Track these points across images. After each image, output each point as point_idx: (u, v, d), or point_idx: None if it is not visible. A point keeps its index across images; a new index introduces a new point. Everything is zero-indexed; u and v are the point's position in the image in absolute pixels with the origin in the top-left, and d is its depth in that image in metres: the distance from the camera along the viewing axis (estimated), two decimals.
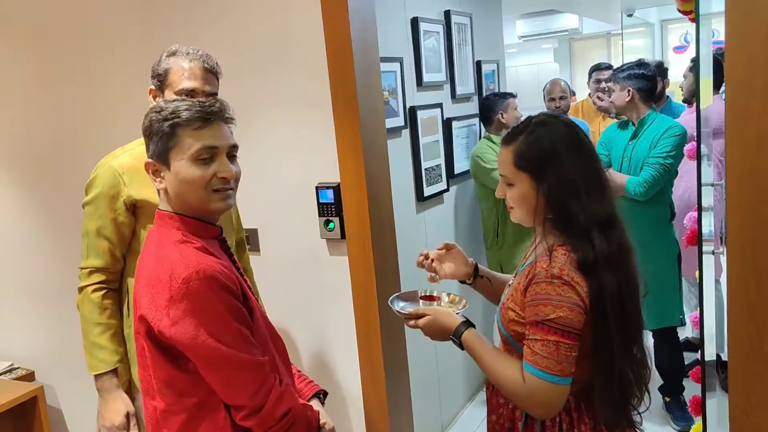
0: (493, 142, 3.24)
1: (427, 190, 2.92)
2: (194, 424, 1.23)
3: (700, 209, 1.83)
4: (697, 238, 1.86)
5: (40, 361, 2.98)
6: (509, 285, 1.47)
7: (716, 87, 3.19)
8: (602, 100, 4.02)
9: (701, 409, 2.05)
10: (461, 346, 1.42)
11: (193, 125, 1.26)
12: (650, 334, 3.14)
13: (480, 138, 3.40)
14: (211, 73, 1.74)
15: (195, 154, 1.26)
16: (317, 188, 2.19)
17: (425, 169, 2.90)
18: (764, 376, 1.61)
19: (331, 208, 2.18)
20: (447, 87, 3.16)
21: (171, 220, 1.28)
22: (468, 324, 1.43)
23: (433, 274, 1.66)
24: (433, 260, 1.67)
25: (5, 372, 2.94)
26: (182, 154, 1.25)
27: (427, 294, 1.67)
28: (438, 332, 1.45)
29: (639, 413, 1.44)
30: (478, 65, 3.48)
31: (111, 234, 1.73)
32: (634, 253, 1.37)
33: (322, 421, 1.41)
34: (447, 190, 3.12)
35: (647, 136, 2.88)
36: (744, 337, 1.62)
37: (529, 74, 10.77)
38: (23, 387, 2.58)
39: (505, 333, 1.40)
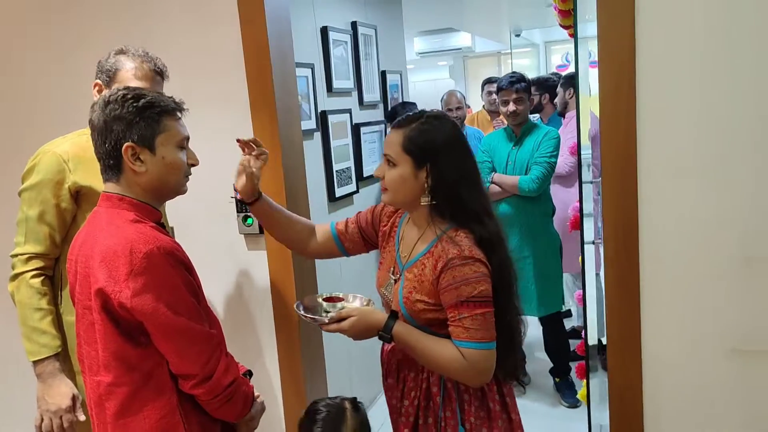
0: None
1: (339, 191, 3.06)
2: (140, 395, 1.29)
3: (581, 200, 2.09)
4: (580, 224, 2.13)
5: None
6: (395, 279, 1.57)
7: None
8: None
9: (586, 378, 2.32)
10: (390, 339, 1.49)
11: (174, 115, 1.38)
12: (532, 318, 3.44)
13: None
14: (159, 75, 1.83)
15: (179, 142, 1.38)
16: (236, 186, 2.26)
17: (336, 171, 3.05)
18: (636, 357, 1.88)
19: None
20: (355, 94, 3.33)
21: (121, 202, 1.34)
22: (395, 316, 1.51)
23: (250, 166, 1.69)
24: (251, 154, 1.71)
25: None
26: (170, 140, 1.36)
27: (329, 296, 1.70)
28: (364, 331, 1.49)
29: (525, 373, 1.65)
30: (383, 75, 3.68)
31: (53, 219, 1.74)
32: (505, 233, 1.55)
33: (255, 394, 1.50)
34: (357, 191, 3.28)
35: (529, 142, 3.22)
36: (619, 322, 1.88)
37: (426, 89, 11.21)
38: None
39: (416, 324, 1.49)
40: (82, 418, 1.71)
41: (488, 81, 4.61)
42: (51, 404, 1.70)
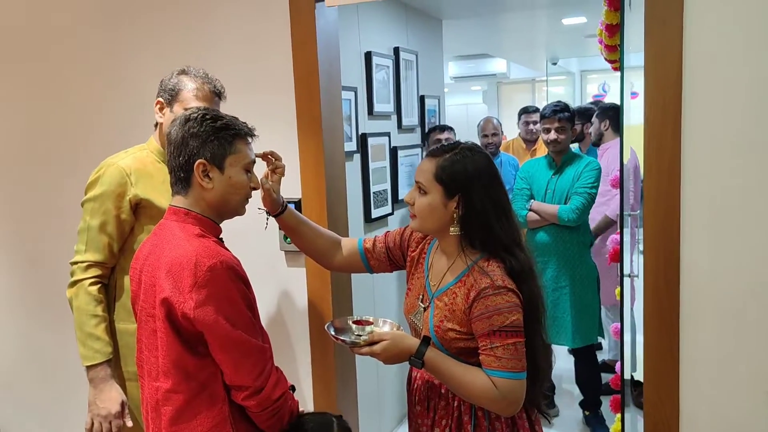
0: None
1: (375, 212, 3.10)
2: (194, 403, 1.34)
3: (622, 233, 2.10)
4: (619, 257, 2.13)
5: None
6: (425, 308, 1.58)
7: (615, 130, 3.60)
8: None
9: (621, 413, 2.30)
10: (422, 365, 1.49)
11: (245, 140, 1.47)
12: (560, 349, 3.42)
13: None
14: (218, 97, 1.92)
15: (247, 165, 1.46)
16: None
17: (373, 193, 3.09)
18: (673, 393, 1.86)
19: None
20: (394, 117, 3.38)
21: (187, 216, 1.42)
22: (427, 342, 1.51)
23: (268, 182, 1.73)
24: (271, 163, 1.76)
25: None
26: (238, 162, 1.44)
27: (359, 319, 1.70)
28: (396, 355, 1.48)
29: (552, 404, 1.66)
30: (421, 99, 3.73)
31: (113, 230, 1.81)
32: (537, 266, 1.57)
33: (300, 409, 1.54)
34: (392, 213, 3.32)
35: (569, 171, 3.20)
36: (656, 357, 1.87)
37: (459, 113, 11.28)
38: None
39: (447, 353, 1.51)
40: (129, 423, 1.77)
41: (525, 110, 4.64)
42: (102, 408, 1.75)
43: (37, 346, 2.80)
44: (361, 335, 1.60)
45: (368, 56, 3.04)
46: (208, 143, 1.40)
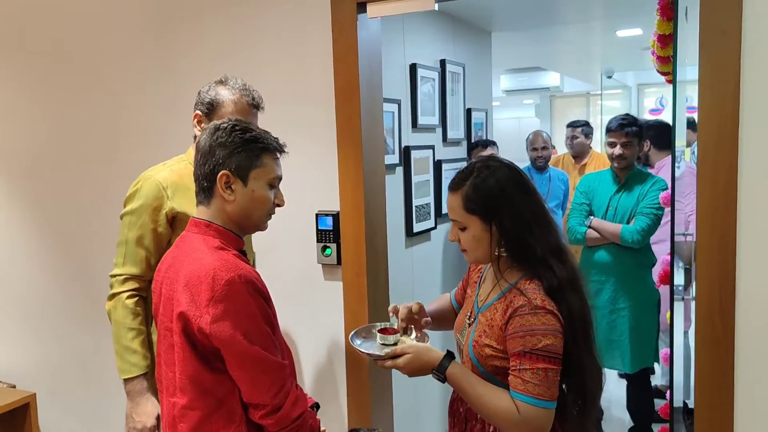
0: None
1: (417, 226, 3.05)
2: (211, 420, 1.31)
3: (672, 254, 1.98)
4: (670, 279, 2.01)
5: (21, 375, 3.00)
6: (470, 323, 1.53)
7: (664, 148, 3.43)
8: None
9: None
10: (444, 380, 1.45)
11: (274, 155, 1.44)
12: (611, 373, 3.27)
13: None
14: (256, 108, 1.90)
15: (271, 180, 1.43)
16: (317, 215, 2.31)
17: (416, 206, 3.04)
18: (726, 425, 1.74)
19: (329, 235, 2.29)
20: (439, 130, 3.34)
21: (208, 228, 1.40)
22: (451, 356, 1.47)
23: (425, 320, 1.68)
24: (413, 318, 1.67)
25: None
26: (263, 176, 1.41)
27: (384, 327, 1.66)
28: (419, 369, 1.45)
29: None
30: (468, 113, 3.67)
31: (150, 243, 1.82)
32: (584, 276, 1.48)
33: (322, 429, 1.50)
34: (434, 227, 3.26)
35: (635, 189, 3.03)
36: (709, 383, 1.75)
37: (511, 127, 11.14)
38: (14, 394, 2.59)
39: (482, 370, 1.45)
40: None
41: (571, 125, 4.53)
42: (138, 422, 1.76)
43: (80, 352, 2.86)
44: (386, 344, 1.57)
45: (413, 68, 3.01)
46: (234, 154, 1.38)
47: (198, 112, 1.88)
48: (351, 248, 2.27)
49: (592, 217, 3.12)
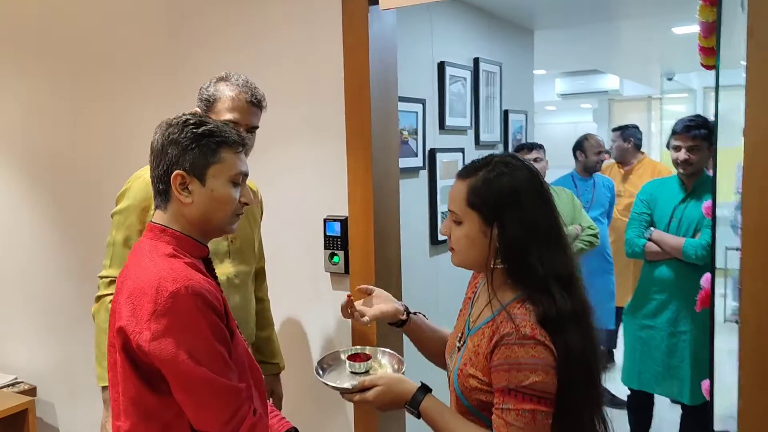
0: None
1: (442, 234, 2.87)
2: None
3: (713, 273, 1.75)
4: (710, 301, 1.77)
5: (43, 377, 2.99)
6: (459, 347, 1.34)
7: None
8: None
9: None
10: (419, 415, 1.28)
11: (235, 148, 1.29)
12: (658, 398, 2.98)
13: None
14: (256, 107, 1.77)
15: (234, 177, 1.28)
16: (325, 220, 2.17)
17: (441, 212, 2.87)
18: None
19: (337, 242, 2.15)
20: (471, 133, 3.15)
21: (163, 233, 1.26)
22: (426, 389, 1.30)
23: (363, 319, 1.53)
24: (353, 309, 1.55)
25: (7, 386, 2.93)
26: (223, 173, 1.27)
27: (354, 352, 1.50)
28: (391, 403, 1.30)
29: None
30: (505, 114, 3.47)
31: None
32: (593, 315, 1.26)
33: None
34: None
35: (703, 198, 2.67)
36: (753, 419, 1.52)
37: (567, 132, 10.73)
38: (15, 398, 2.57)
39: (467, 404, 1.27)
40: None
41: (616, 129, 4.25)
42: None
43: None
44: (356, 373, 1.41)
45: (441, 66, 2.84)
46: (188, 151, 1.24)
47: (197, 108, 1.78)
48: (359, 256, 2.12)
49: (652, 229, 2.79)
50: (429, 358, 1.59)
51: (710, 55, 1.87)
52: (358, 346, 1.57)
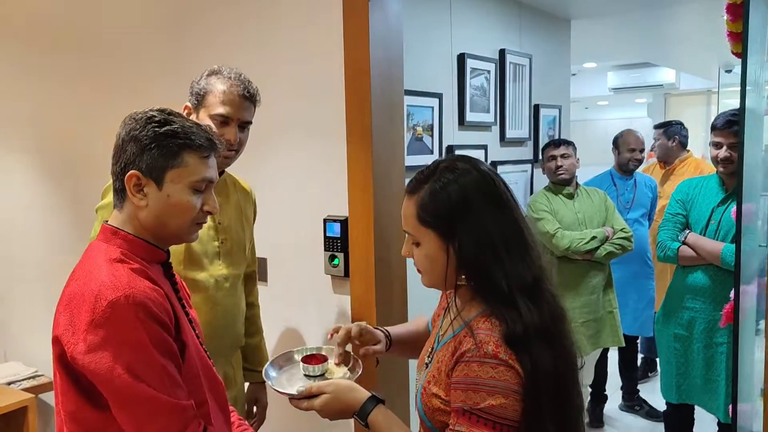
0: (552, 192, 3.03)
1: None
2: None
3: (738, 283, 1.56)
4: (734, 316, 1.59)
5: None
6: (427, 364, 1.22)
7: None
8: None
9: None
10: (367, 426, 1.18)
11: (201, 152, 1.19)
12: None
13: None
14: (249, 101, 1.69)
15: (195, 183, 1.18)
16: (325, 221, 2.08)
17: None
18: None
19: (337, 243, 2.05)
20: (495, 129, 3.00)
21: (114, 236, 1.18)
22: (376, 400, 1.20)
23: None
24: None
25: (28, 378, 2.96)
26: (183, 178, 1.17)
27: (310, 354, 1.39)
28: (338, 412, 1.21)
29: None
30: (535, 109, 3.29)
31: None
32: (567, 321, 1.13)
33: None
34: None
35: None
36: None
37: (620, 128, 10.31)
38: (16, 395, 2.58)
39: (429, 425, 1.16)
40: None
41: (658, 126, 3.99)
42: None
43: None
44: (310, 376, 1.31)
45: (461, 59, 2.70)
46: (146, 151, 1.15)
47: (188, 103, 1.70)
48: (359, 259, 2.01)
49: (688, 231, 2.59)
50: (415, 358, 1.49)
51: (739, 41, 1.67)
52: (314, 347, 1.47)
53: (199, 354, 1.24)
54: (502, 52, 2.98)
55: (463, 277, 1.12)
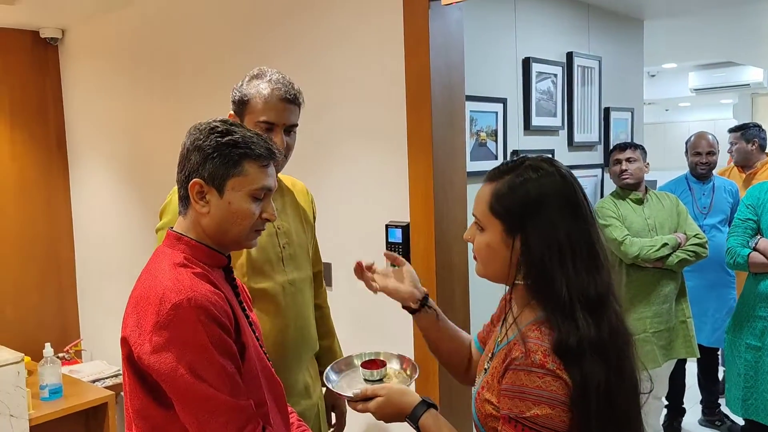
0: (619, 197, 2.94)
1: None
2: None
3: None
4: None
5: None
6: (486, 368, 1.21)
7: None
8: None
9: None
10: (418, 429, 1.20)
11: (260, 161, 1.24)
12: None
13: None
14: (292, 104, 1.66)
15: (255, 191, 1.23)
16: (387, 226, 2.11)
17: None
18: None
19: (398, 249, 2.08)
20: (563, 133, 2.94)
21: (178, 241, 1.24)
22: (427, 405, 1.21)
23: (373, 284, 1.42)
24: (373, 271, 1.44)
25: (111, 376, 3.14)
26: (243, 186, 1.21)
27: (370, 359, 1.40)
28: (392, 416, 1.22)
29: None
30: (605, 113, 3.21)
31: None
32: (632, 345, 1.09)
33: None
34: None
35: None
36: None
37: (705, 130, 9.84)
38: (98, 392, 2.73)
39: (482, 429, 1.15)
40: None
41: (734, 130, 3.78)
42: None
43: None
44: (370, 380, 1.33)
45: (526, 63, 2.68)
46: (209, 160, 1.20)
47: (231, 112, 1.69)
48: (421, 264, 2.03)
49: (759, 237, 2.49)
50: (443, 364, 1.47)
51: None
52: (372, 352, 1.49)
53: (259, 356, 1.28)
54: (569, 55, 2.93)
55: (521, 276, 1.12)
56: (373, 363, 1.39)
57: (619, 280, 2.79)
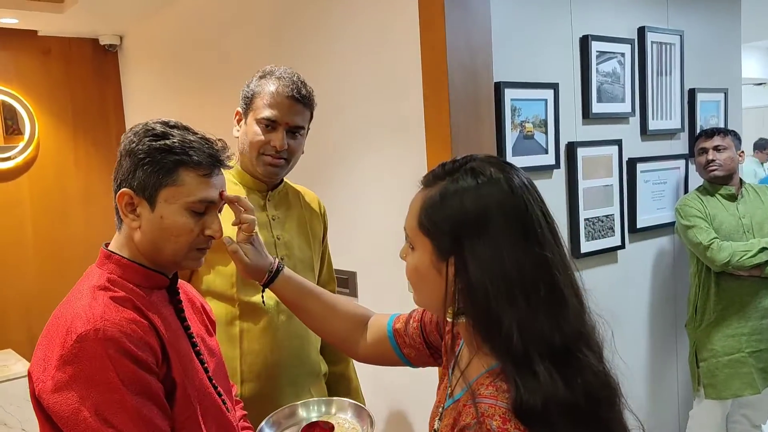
0: (707, 192, 2.56)
1: (587, 245, 2.37)
2: None
3: None
4: None
5: None
6: (439, 414, 0.96)
7: None
8: None
9: None
10: None
11: (200, 170, 1.08)
12: None
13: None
14: (300, 104, 1.53)
15: (191, 204, 1.07)
16: None
17: (585, 219, 2.37)
18: None
19: None
20: (634, 120, 2.57)
21: (107, 260, 1.09)
22: None
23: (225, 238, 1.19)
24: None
25: None
26: (178, 198, 1.06)
27: (314, 421, 1.20)
28: None
29: None
30: (690, 95, 2.79)
31: None
32: (616, 409, 0.81)
33: None
34: (622, 246, 2.51)
35: None
36: None
37: None
38: None
39: None
40: None
41: None
42: None
43: None
44: None
45: (584, 42, 2.35)
46: (139, 167, 1.05)
47: (239, 109, 1.59)
48: None
49: None
50: (319, 334, 1.29)
51: None
52: (325, 401, 1.27)
53: (204, 392, 1.11)
54: (641, 31, 2.55)
55: (453, 310, 0.87)
56: (317, 427, 1.19)
57: (705, 293, 2.42)
